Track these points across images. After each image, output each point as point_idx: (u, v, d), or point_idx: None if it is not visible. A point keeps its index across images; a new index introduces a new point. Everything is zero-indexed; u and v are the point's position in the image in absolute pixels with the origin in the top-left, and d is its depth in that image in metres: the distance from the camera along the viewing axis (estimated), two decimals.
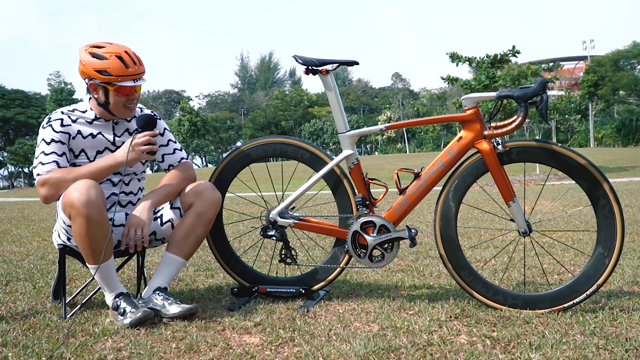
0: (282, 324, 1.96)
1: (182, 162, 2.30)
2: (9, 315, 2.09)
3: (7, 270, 3.07)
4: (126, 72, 2.04)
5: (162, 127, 2.32)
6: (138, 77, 2.08)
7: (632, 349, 1.64)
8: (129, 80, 2.05)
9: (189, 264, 3.23)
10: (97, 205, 1.92)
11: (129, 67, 2.05)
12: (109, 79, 2.04)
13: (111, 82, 2.05)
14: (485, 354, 1.62)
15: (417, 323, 1.91)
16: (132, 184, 2.27)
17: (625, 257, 3.14)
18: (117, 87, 2.05)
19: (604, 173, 2.27)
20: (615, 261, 2.03)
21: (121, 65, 2.04)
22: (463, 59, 16.41)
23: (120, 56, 2.04)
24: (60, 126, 2.11)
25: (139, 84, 2.08)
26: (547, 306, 2.07)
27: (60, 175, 2.02)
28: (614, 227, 2.02)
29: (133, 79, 2.06)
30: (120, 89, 2.06)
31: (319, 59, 2.23)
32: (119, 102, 2.09)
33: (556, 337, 1.75)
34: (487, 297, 2.12)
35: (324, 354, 1.64)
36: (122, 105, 2.10)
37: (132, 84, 2.06)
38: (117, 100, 2.09)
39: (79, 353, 1.67)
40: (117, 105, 2.10)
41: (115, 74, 2.03)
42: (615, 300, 2.22)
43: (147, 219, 2.10)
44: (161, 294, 2.07)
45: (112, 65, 2.03)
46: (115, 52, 2.05)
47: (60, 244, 2.16)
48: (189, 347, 1.71)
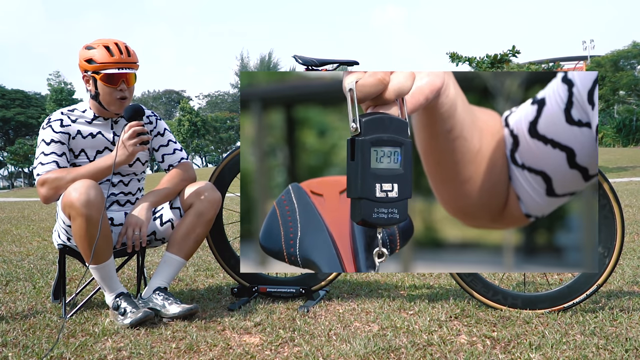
0: (282, 324, 1.96)
1: (182, 162, 2.31)
2: (9, 315, 2.09)
3: (7, 270, 3.07)
4: (110, 60, 2.08)
5: (162, 127, 2.32)
6: (124, 65, 2.10)
7: (632, 349, 1.64)
8: (113, 68, 2.08)
9: (189, 264, 3.23)
10: (96, 206, 1.92)
11: (113, 55, 2.09)
12: (95, 67, 2.09)
13: (97, 71, 2.09)
14: (485, 354, 1.62)
15: (417, 323, 1.91)
16: (131, 184, 2.28)
17: (625, 257, 3.14)
18: (102, 75, 2.09)
19: (604, 173, 2.26)
20: (615, 261, 2.03)
21: (106, 53, 2.09)
22: (463, 59, 16.41)
23: (107, 45, 2.10)
24: (60, 126, 2.12)
25: (123, 72, 2.10)
26: (547, 306, 2.07)
27: (60, 175, 2.03)
28: (613, 227, 2.02)
29: (118, 67, 2.09)
30: (105, 77, 2.09)
31: (319, 59, 2.24)
32: (107, 92, 2.12)
33: (556, 337, 1.75)
34: (487, 297, 2.12)
35: (324, 354, 1.64)
36: (110, 95, 2.12)
37: (116, 71, 2.08)
38: (105, 90, 2.11)
39: (79, 353, 1.67)
40: (106, 95, 2.12)
41: (99, 61, 2.08)
42: (615, 300, 2.22)
43: (146, 218, 2.10)
44: (161, 294, 2.07)
45: (97, 53, 2.09)
46: (103, 43, 2.11)
47: (60, 244, 2.16)
48: (189, 347, 1.71)
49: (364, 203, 1.00)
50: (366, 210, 1.00)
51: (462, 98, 1.22)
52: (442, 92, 1.14)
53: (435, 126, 1.21)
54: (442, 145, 1.24)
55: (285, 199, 1.30)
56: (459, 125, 1.22)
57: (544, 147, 1.28)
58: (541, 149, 1.29)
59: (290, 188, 1.31)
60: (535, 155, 1.29)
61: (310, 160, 5.69)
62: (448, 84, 1.16)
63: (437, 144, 1.24)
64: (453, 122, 1.21)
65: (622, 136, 31.95)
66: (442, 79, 1.11)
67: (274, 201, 1.27)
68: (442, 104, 1.16)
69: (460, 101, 1.22)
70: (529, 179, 1.31)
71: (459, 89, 1.22)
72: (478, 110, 1.30)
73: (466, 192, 1.31)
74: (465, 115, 1.23)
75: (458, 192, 1.32)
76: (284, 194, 1.28)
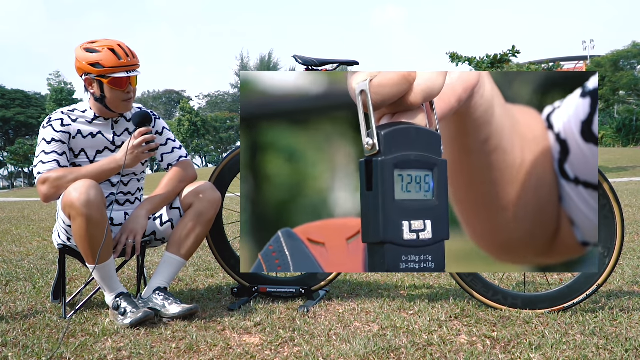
0: (282, 324, 1.96)
1: (180, 160, 2.30)
2: (9, 315, 2.09)
3: (7, 270, 3.07)
4: (119, 64, 2.06)
5: (161, 126, 2.32)
6: (131, 68, 2.09)
7: (632, 349, 1.64)
8: (122, 72, 2.07)
9: (189, 264, 3.23)
10: (96, 206, 1.92)
11: (121, 58, 2.07)
12: (102, 71, 2.06)
13: (105, 75, 2.06)
14: (485, 354, 1.62)
15: (417, 323, 1.91)
16: (131, 184, 2.28)
17: (625, 257, 3.14)
18: (110, 79, 2.07)
19: (604, 173, 2.27)
20: (615, 261, 2.03)
21: (113, 57, 2.06)
22: (463, 59, 16.41)
23: (112, 48, 2.07)
24: (60, 126, 2.12)
25: (132, 75, 2.10)
26: (547, 306, 2.07)
27: (61, 174, 2.03)
28: (613, 227, 2.02)
29: (126, 70, 2.08)
30: (113, 81, 2.08)
31: (319, 59, 2.24)
32: (115, 95, 2.10)
33: (556, 337, 1.75)
34: (487, 297, 2.12)
35: (324, 354, 1.64)
36: (118, 98, 2.11)
37: (125, 75, 2.07)
38: (113, 93, 2.10)
39: (79, 353, 1.67)
40: (113, 98, 2.11)
41: (107, 65, 2.06)
42: (615, 300, 2.22)
43: (141, 227, 2.11)
44: (161, 294, 2.07)
45: (104, 57, 2.06)
46: (107, 45, 2.08)
47: (60, 244, 2.16)
48: (189, 347, 1.71)
49: (388, 249, 0.76)
50: (391, 258, 0.76)
51: (499, 98, 0.95)
52: (477, 91, 0.89)
53: (468, 137, 0.93)
54: (476, 161, 0.96)
55: (275, 249, 1.02)
56: (497, 134, 0.94)
57: (595, 149, 1.00)
58: (594, 154, 0.99)
59: (280, 235, 1.02)
60: (592, 165, 0.99)
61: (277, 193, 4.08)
62: (484, 81, 0.91)
63: (470, 160, 0.96)
64: (490, 130, 0.93)
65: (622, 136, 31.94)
66: (477, 75, 0.87)
67: (259, 253, 1.01)
68: (477, 107, 0.90)
69: (498, 102, 0.95)
70: (585, 197, 1.02)
71: (496, 87, 0.95)
72: (517, 111, 1.01)
73: (506, 221, 1.03)
74: (504, 120, 0.95)
75: (496, 221, 1.03)
76: (272, 243, 1.01)
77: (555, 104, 1.06)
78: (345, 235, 0.98)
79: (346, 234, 0.98)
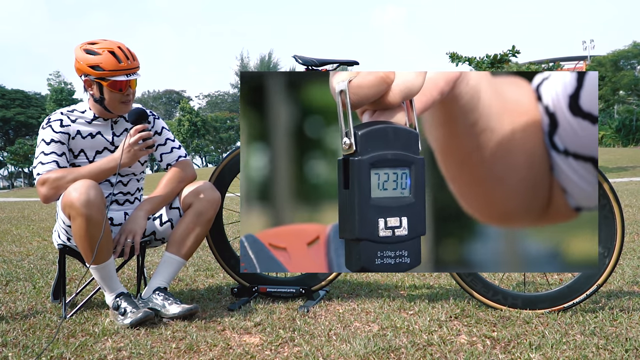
0: (282, 324, 1.96)
1: (180, 160, 2.30)
2: (9, 315, 2.09)
3: (7, 270, 3.07)
4: (119, 67, 2.06)
5: (160, 126, 2.31)
6: (131, 71, 2.09)
7: (632, 349, 1.64)
8: (122, 75, 2.07)
9: (189, 264, 3.23)
10: (96, 206, 1.92)
11: (121, 61, 2.06)
12: (102, 74, 2.05)
13: (104, 77, 2.06)
14: (485, 354, 1.62)
15: (417, 323, 1.91)
16: (130, 184, 2.28)
17: (625, 257, 3.14)
18: (110, 82, 2.07)
19: (604, 173, 2.26)
20: (615, 261, 2.03)
21: (114, 60, 2.05)
22: (463, 59, 16.40)
23: (112, 51, 2.06)
24: (59, 126, 2.12)
25: (132, 79, 2.09)
26: (547, 306, 2.07)
27: (61, 175, 2.03)
28: (613, 227, 2.02)
29: (126, 73, 2.07)
30: (113, 84, 2.07)
31: (319, 59, 2.24)
32: (114, 98, 2.10)
33: (556, 337, 1.75)
34: (487, 297, 2.12)
35: (324, 354, 1.64)
36: (117, 100, 2.11)
37: (125, 78, 2.07)
38: (112, 95, 2.09)
39: (79, 353, 1.67)
40: (112, 100, 2.11)
41: (108, 68, 2.05)
42: (615, 300, 2.22)
43: (140, 227, 2.11)
44: (161, 294, 2.07)
45: (104, 60, 2.05)
46: (107, 48, 2.07)
47: (60, 244, 2.16)
48: (189, 347, 1.71)
49: (363, 246, 0.78)
50: (367, 254, 0.78)
51: (486, 80, 0.98)
52: (461, 81, 0.92)
53: (456, 122, 0.97)
54: (465, 142, 1.00)
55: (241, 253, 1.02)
56: (484, 117, 0.98)
57: (591, 127, 1.01)
58: (587, 130, 1.01)
59: (245, 241, 1.03)
60: (580, 138, 1.01)
61: None
62: (468, 73, 0.95)
63: (459, 142, 1.00)
64: (477, 115, 0.97)
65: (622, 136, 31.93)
66: (459, 72, 0.91)
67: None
68: (463, 95, 0.94)
69: (485, 85, 0.98)
70: (575, 168, 1.05)
71: (483, 72, 0.98)
72: (507, 86, 1.03)
73: (501, 193, 1.06)
74: (491, 102, 0.99)
75: (491, 195, 1.06)
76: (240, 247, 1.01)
77: (545, 74, 1.09)
78: (305, 240, 1.00)
79: (305, 239, 1.00)
